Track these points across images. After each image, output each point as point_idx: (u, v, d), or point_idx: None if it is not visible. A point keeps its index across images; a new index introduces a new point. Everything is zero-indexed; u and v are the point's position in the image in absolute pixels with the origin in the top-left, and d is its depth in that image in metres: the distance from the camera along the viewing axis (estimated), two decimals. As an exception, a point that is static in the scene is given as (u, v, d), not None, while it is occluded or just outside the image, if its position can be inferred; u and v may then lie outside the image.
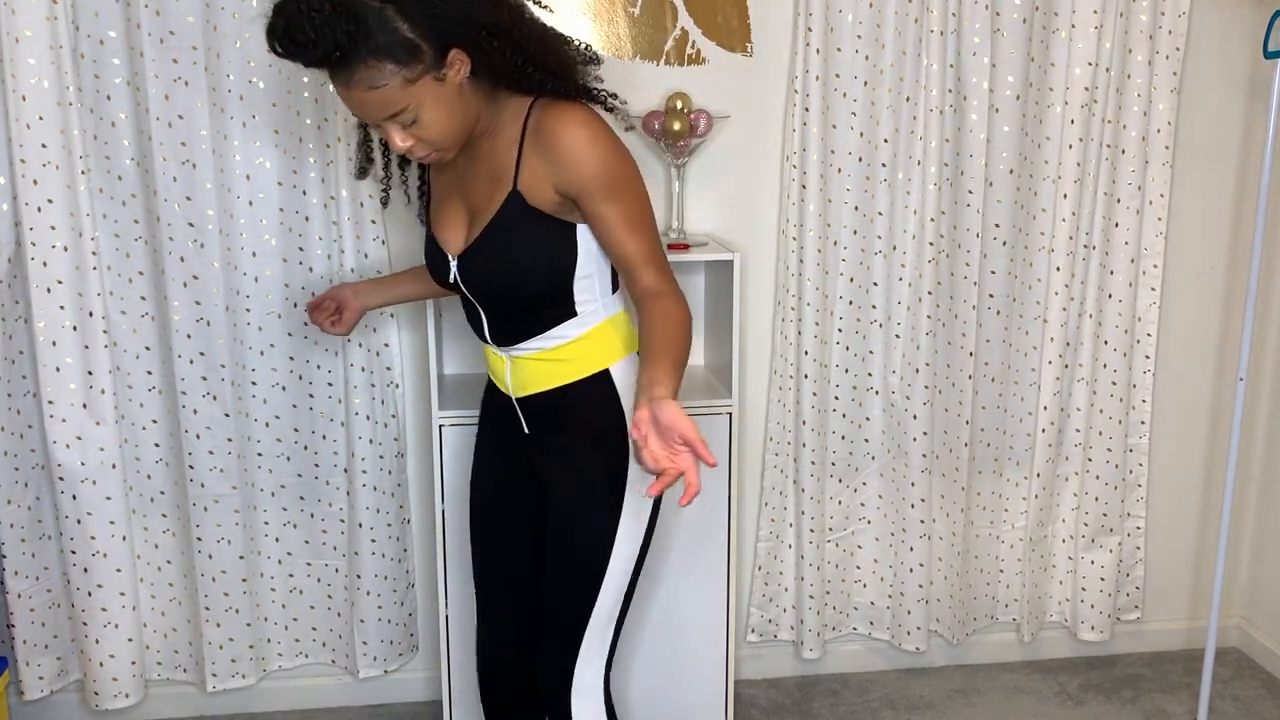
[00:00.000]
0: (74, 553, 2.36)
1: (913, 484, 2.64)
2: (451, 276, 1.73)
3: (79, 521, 2.34)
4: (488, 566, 1.94)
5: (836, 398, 2.62)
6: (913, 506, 2.65)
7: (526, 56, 1.59)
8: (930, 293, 2.54)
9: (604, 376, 1.74)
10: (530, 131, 1.62)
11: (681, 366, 1.56)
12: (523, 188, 1.63)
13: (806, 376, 2.55)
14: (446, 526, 2.28)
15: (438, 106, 1.54)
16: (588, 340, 1.73)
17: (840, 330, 2.58)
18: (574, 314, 1.71)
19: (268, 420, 2.45)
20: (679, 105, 2.33)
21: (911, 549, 2.68)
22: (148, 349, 2.38)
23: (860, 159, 2.48)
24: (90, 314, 2.27)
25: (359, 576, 2.50)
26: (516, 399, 1.79)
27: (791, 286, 2.52)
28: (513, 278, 1.67)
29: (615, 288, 1.76)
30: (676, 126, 2.31)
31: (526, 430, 1.81)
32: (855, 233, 2.53)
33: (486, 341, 1.81)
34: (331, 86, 1.60)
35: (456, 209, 1.73)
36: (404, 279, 2.14)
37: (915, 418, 2.60)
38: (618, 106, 1.73)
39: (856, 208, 2.51)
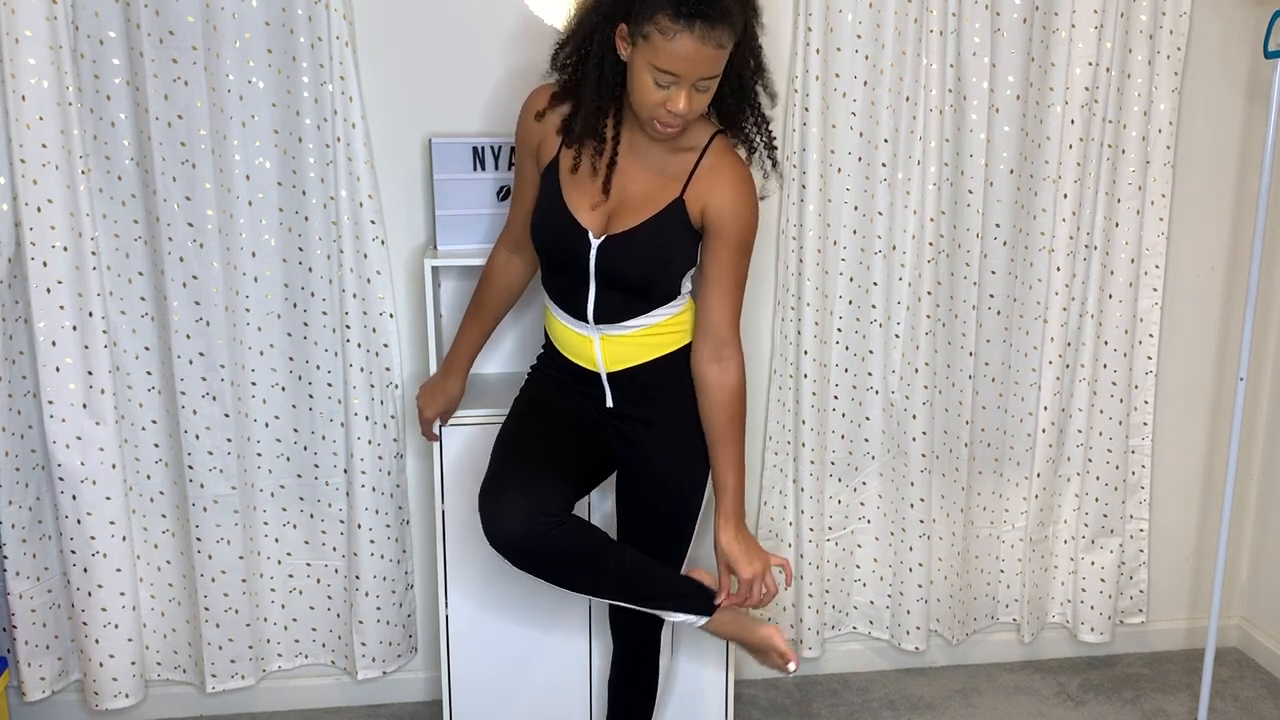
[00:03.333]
0: (74, 553, 2.36)
1: (912, 484, 2.64)
2: (592, 254, 1.87)
3: (79, 521, 2.34)
4: (540, 443, 1.92)
5: (836, 397, 2.62)
6: (912, 506, 2.65)
7: (754, 94, 1.88)
8: (930, 293, 2.54)
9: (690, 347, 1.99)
10: (710, 160, 1.87)
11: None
12: (686, 198, 1.86)
13: (806, 376, 2.55)
14: (446, 527, 2.28)
15: (714, 87, 1.77)
16: (682, 315, 1.97)
17: (840, 330, 2.58)
18: (675, 297, 1.95)
19: (267, 420, 2.45)
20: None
21: (911, 549, 2.68)
22: (147, 349, 2.38)
23: (860, 159, 2.48)
24: (90, 314, 2.27)
25: (358, 577, 2.50)
26: (608, 374, 1.96)
27: (791, 286, 2.52)
28: (653, 269, 1.89)
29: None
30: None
31: (610, 404, 1.99)
32: (855, 233, 2.53)
33: (583, 320, 1.94)
34: (645, 39, 1.70)
35: (597, 195, 1.88)
36: (468, 344, 2.18)
37: (915, 418, 2.60)
38: (773, 176, 1.97)
39: (856, 208, 2.51)
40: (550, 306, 2.01)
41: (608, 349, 1.95)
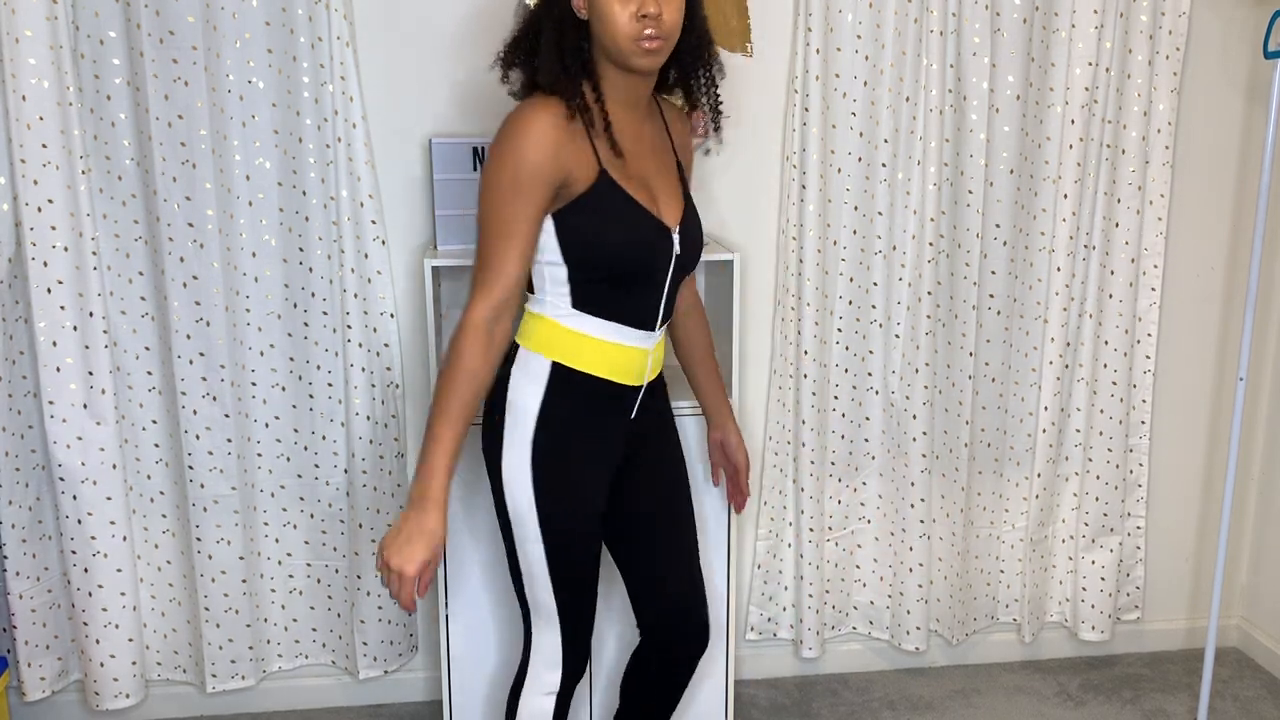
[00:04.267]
0: (74, 553, 2.36)
1: (913, 484, 2.64)
2: (675, 249, 1.79)
3: (79, 522, 2.34)
4: (595, 573, 1.91)
5: (836, 398, 2.62)
6: (913, 506, 2.65)
7: (709, 54, 1.83)
8: (930, 293, 2.54)
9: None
10: (670, 118, 1.90)
11: None
12: (680, 159, 1.89)
13: (806, 376, 2.55)
14: (447, 527, 2.27)
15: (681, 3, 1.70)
16: None
17: (840, 330, 2.58)
18: None
19: (267, 420, 2.45)
20: (680, 105, 2.33)
21: (911, 549, 2.68)
22: (147, 349, 2.38)
23: (860, 159, 2.48)
24: (90, 314, 2.27)
25: (359, 577, 2.50)
26: (647, 384, 1.88)
27: (791, 286, 2.53)
28: (702, 243, 1.88)
29: None
30: (676, 126, 2.31)
31: (633, 415, 1.88)
32: (855, 233, 2.53)
33: (651, 328, 1.81)
34: None
35: (643, 185, 1.77)
36: (448, 461, 1.67)
37: (915, 418, 2.60)
38: (715, 138, 1.99)
39: (856, 208, 2.51)
40: (596, 335, 1.76)
41: (654, 354, 1.86)
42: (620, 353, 1.79)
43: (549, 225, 1.70)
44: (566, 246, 1.71)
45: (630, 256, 1.73)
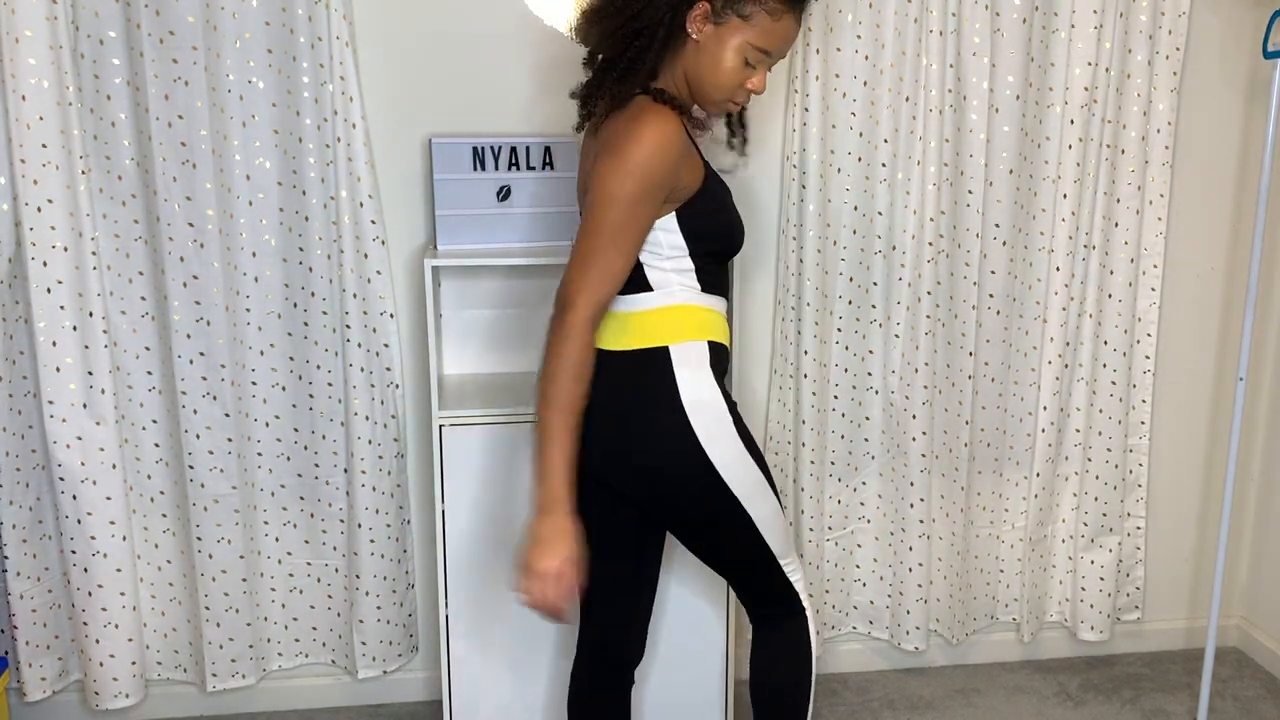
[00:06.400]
0: (74, 553, 2.36)
1: (912, 484, 2.64)
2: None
3: (79, 521, 2.34)
4: None
5: (836, 397, 2.62)
6: (912, 506, 2.65)
7: None
8: (930, 293, 2.54)
9: None
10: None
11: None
12: None
13: (806, 376, 2.55)
14: (447, 527, 2.28)
15: None
16: None
17: (840, 330, 2.58)
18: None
19: (268, 420, 2.45)
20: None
21: (911, 549, 2.68)
22: (148, 349, 2.38)
23: (860, 159, 2.48)
24: (90, 314, 2.27)
25: (358, 577, 2.50)
26: None
27: (791, 286, 2.53)
28: None
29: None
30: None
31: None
32: (855, 233, 2.53)
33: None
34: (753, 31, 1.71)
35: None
36: (561, 465, 1.67)
37: (915, 417, 2.60)
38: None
39: (856, 208, 2.51)
40: (713, 312, 1.83)
41: None
42: (724, 322, 1.87)
43: (670, 223, 1.75)
44: (693, 238, 1.77)
45: (739, 233, 1.87)
